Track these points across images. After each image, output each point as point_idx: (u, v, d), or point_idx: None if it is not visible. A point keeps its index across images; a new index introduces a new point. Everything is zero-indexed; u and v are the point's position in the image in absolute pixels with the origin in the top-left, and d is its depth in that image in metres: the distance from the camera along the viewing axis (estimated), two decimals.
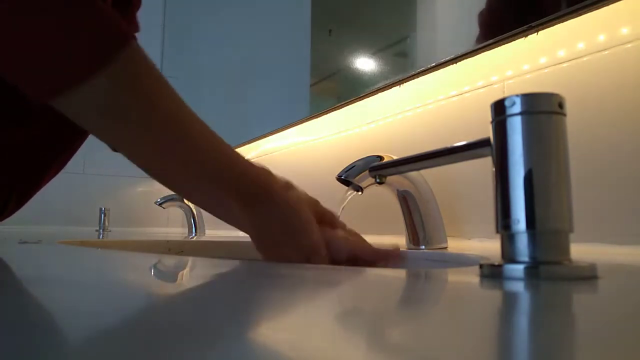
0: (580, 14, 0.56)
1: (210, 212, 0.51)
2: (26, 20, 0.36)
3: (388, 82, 0.85)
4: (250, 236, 0.48)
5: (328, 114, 1.04)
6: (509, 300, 0.24)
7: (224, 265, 0.44)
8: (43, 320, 0.18)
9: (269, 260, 0.47)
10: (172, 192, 1.46)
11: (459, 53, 0.71)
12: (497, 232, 0.29)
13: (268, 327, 0.17)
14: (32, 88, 0.38)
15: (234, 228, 0.50)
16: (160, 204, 1.34)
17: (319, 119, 1.08)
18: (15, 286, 0.27)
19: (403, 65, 0.86)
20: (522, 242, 0.28)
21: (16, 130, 0.51)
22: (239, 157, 0.47)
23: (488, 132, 0.31)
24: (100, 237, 1.11)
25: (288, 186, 0.49)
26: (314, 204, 0.51)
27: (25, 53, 0.37)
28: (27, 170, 0.55)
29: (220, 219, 0.51)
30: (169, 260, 0.50)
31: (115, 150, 0.62)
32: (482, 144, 0.32)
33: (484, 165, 0.32)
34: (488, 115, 0.30)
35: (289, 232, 0.47)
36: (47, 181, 0.59)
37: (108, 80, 0.38)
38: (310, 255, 0.47)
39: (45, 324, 0.17)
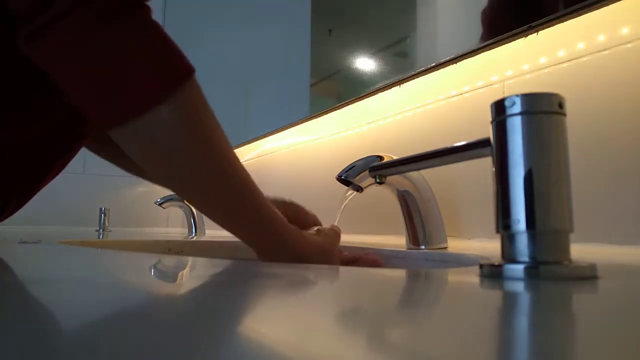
0: (580, 14, 0.56)
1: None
2: (98, 46, 0.37)
3: (388, 82, 0.85)
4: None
5: (328, 114, 1.04)
6: (509, 300, 0.24)
7: (224, 266, 0.44)
8: (43, 320, 0.18)
9: None
10: (172, 192, 1.47)
11: (459, 53, 0.71)
12: (497, 232, 0.29)
13: (268, 327, 0.17)
14: (92, 115, 0.38)
15: None
16: (160, 204, 1.34)
17: (319, 119, 1.08)
18: (15, 286, 0.27)
19: (403, 65, 0.86)
20: (522, 242, 0.28)
21: (19, 130, 0.51)
22: (273, 216, 0.47)
23: (488, 132, 0.31)
24: (100, 237, 1.11)
25: (317, 243, 0.50)
26: (338, 254, 0.52)
27: (98, 81, 0.37)
28: (29, 171, 0.55)
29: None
30: (169, 260, 0.50)
31: (107, 159, 0.63)
32: (482, 144, 0.32)
33: (484, 165, 0.32)
34: (488, 115, 0.30)
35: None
36: (48, 181, 0.59)
37: (168, 113, 0.38)
38: None
39: (45, 324, 0.17)
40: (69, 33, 0.36)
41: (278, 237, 0.46)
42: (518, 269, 0.27)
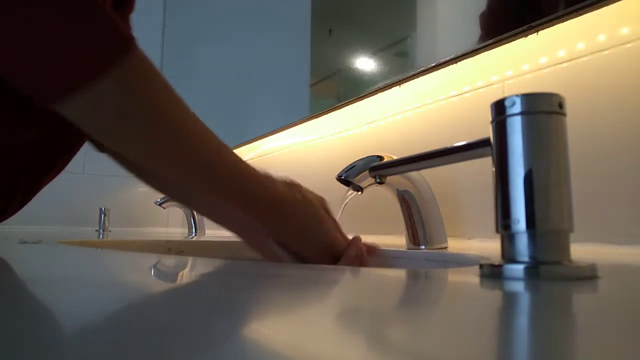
0: (580, 14, 0.56)
1: (218, 223, 0.52)
2: (32, 23, 0.36)
3: (388, 82, 0.85)
4: (270, 250, 0.49)
5: (328, 114, 1.04)
6: (509, 300, 0.24)
7: (224, 266, 0.44)
8: (43, 320, 0.18)
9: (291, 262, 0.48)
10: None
11: (459, 53, 0.71)
12: (497, 232, 0.29)
13: (268, 327, 0.17)
14: (37, 91, 0.38)
15: None
16: (160, 204, 1.34)
17: (319, 119, 1.08)
18: (15, 286, 0.27)
19: (403, 65, 0.86)
20: (522, 242, 0.28)
21: (21, 130, 0.51)
22: (243, 165, 0.47)
23: (488, 132, 0.31)
24: (100, 237, 1.11)
25: (293, 187, 0.50)
26: (321, 201, 0.52)
27: (30, 55, 0.37)
28: (31, 170, 0.56)
29: (229, 229, 0.52)
30: (169, 260, 0.50)
31: (101, 151, 0.63)
32: (482, 144, 0.32)
33: (484, 165, 0.32)
34: (488, 115, 0.30)
35: (309, 235, 0.49)
36: (50, 180, 0.59)
37: (113, 84, 0.38)
38: (335, 252, 0.49)
39: (45, 324, 0.17)
40: None
41: (253, 186, 0.46)
42: (518, 269, 0.27)
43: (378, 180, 0.57)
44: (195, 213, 1.37)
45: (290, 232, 0.48)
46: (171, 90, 0.43)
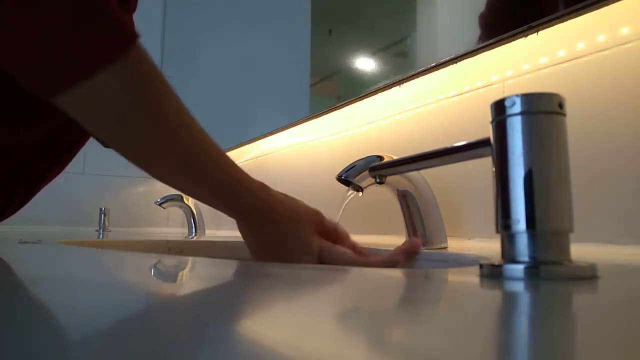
0: (580, 14, 0.56)
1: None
2: (33, 16, 0.36)
3: (388, 82, 0.85)
4: (250, 250, 0.49)
5: (328, 114, 1.04)
6: (509, 300, 0.24)
7: (224, 266, 0.44)
8: (43, 320, 0.18)
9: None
10: (172, 192, 1.47)
11: (459, 53, 0.71)
12: (497, 232, 0.29)
13: (268, 327, 0.17)
14: (36, 84, 0.38)
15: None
16: (160, 204, 1.34)
17: (319, 119, 1.08)
18: (15, 286, 0.27)
19: (403, 65, 0.86)
20: (522, 242, 0.28)
21: (22, 130, 0.51)
22: (238, 172, 0.47)
23: (488, 132, 0.31)
24: (100, 237, 1.11)
25: (286, 201, 0.50)
26: (314, 217, 0.51)
27: (31, 48, 0.36)
28: (31, 170, 0.56)
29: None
30: (169, 260, 0.50)
31: (107, 146, 0.62)
32: (482, 144, 0.32)
33: (484, 165, 0.32)
34: (488, 115, 0.30)
35: (287, 253, 0.49)
36: (50, 180, 0.59)
37: (114, 78, 0.38)
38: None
39: (45, 324, 0.17)
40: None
41: (247, 192, 0.47)
42: (518, 269, 0.27)
43: (378, 180, 0.57)
44: (195, 213, 1.37)
45: (270, 245, 0.49)
46: (170, 88, 0.43)
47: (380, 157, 0.58)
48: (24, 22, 0.36)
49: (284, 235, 0.48)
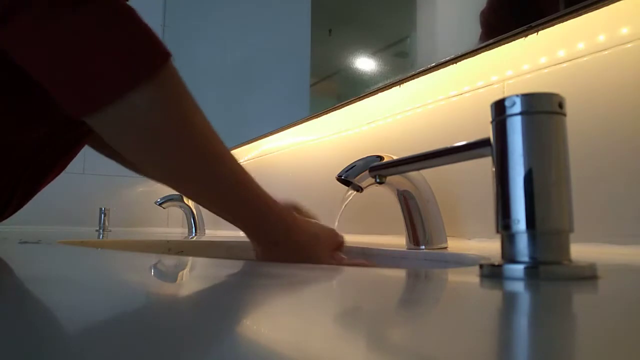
0: (580, 14, 0.56)
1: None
2: (70, 32, 0.36)
3: (388, 82, 0.85)
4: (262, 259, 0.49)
5: (328, 114, 1.04)
6: (509, 300, 0.24)
7: (224, 266, 0.44)
8: (43, 320, 0.18)
9: None
10: (172, 192, 1.47)
11: (459, 53, 0.71)
12: (497, 232, 0.29)
13: (268, 327, 0.17)
14: (72, 102, 0.38)
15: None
16: (160, 204, 1.34)
17: (319, 119, 1.08)
18: (15, 286, 0.27)
19: (403, 65, 0.86)
20: (522, 242, 0.28)
21: (23, 129, 0.51)
22: (267, 198, 0.47)
23: (488, 132, 0.31)
24: (100, 237, 1.11)
25: (308, 225, 0.51)
26: (331, 234, 0.53)
27: (67, 66, 0.36)
28: (32, 170, 0.56)
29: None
30: (169, 260, 0.50)
31: (109, 157, 0.63)
32: (482, 144, 0.32)
33: (484, 165, 0.32)
34: (488, 115, 0.30)
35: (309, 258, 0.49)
36: (50, 181, 0.59)
37: (146, 97, 0.38)
38: None
39: (45, 324, 0.17)
40: (37, 16, 0.35)
41: (271, 216, 0.47)
42: (518, 269, 0.27)
43: (378, 180, 0.57)
44: (195, 213, 1.37)
45: (277, 258, 0.49)
46: (199, 109, 0.43)
47: (380, 157, 0.58)
48: (62, 37, 0.36)
49: (304, 255, 0.49)
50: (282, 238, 0.48)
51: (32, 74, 0.38)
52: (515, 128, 0.28)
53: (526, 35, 0.63)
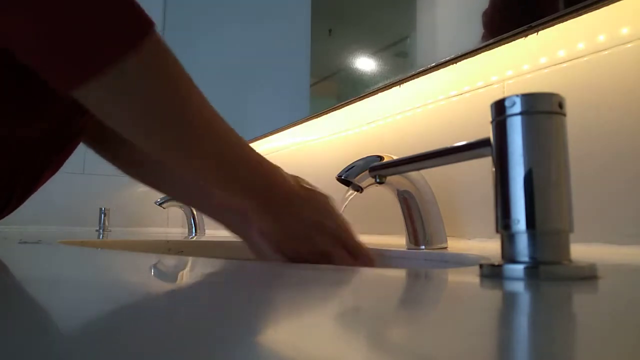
0: (580, 14, 0.56)
1: (214, 217, 0.52)
2: (53, 5, 0.36)
3: (388, 82, 0.85)
4: (266, 237, 0.49)
5: (328, 114, 1.04)
6: (509, 300, 0.24)
7: (224, 266, 0.44)
8: (43, 320, 0.18)
9: (287, 258, 0.48)
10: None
11: (459, 53, 0.71)
12: (497, 232, 0.29)
13: (268, 327, 0.17)
14: (60, 74, 0.37)
15: None
16: (160, 204, 1.34)
17: (319, 119, 1.08)
18: (15, 286, 0.27)
19: (403, 65, 0.86)
20: (522, 242, 0.28)
21: (20, 123, 0.51)
22: (259, 158, 0.48)
23: (488, 132, 0.31)
24: (100, 237, 1.11)
25: (300, 183, 0.51)
26: (326, 199, 0.52)
27: (51, 39, 0.36)
28: (30, 166, 0.55)
29: (221, 222, 0.52)
30: (169, 260, 0.50)
31: (111, 161, 0.62)
32: (482, 144, 0.32)
33: (484, 165, 0.32)
34: (488, 115, 0.30)
35: (315, 222, 0.49)
36: (48, 177, 0.59)
37: (138, 64, 0.38)
38: (340, 238, 0.49)
39: (45, 324, 0.17)
40: None
41: (263, 172, 0.48)
42: (518, 269, 0.27)
43: (378, 180, 0.57)
44: (195, 213, 1.37)
45: (283, 230, 0.48)
46: (186, 73, 0.43)
47: (380, 157, 0.58)
48: (48, 5, 0.36)
49: (307, 211, 0.49)
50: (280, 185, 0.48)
51: (16, 49, 0.37)
52: (515, 128, 0.28)
53: (526, 35, 0.63)
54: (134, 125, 0.42)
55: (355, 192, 0.60)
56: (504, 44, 0.66)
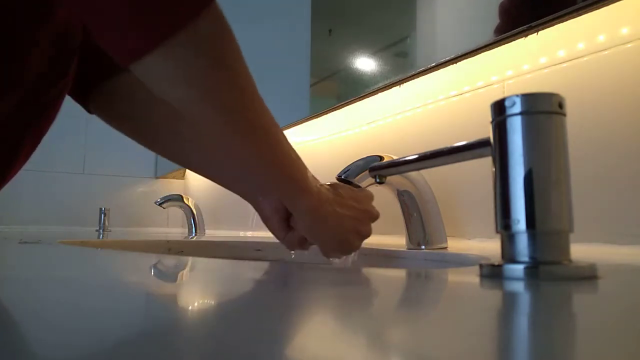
0: (580, 14, 0.56)
1: (229, 182, 0.55)
2: None
3: (388, 82, 0.85)
4: (280, 213, 0.52)
5: (328, 114, 1.04)
6: (509, 300, 0.24)
7: (224, 266, 0.44)
8: (43, 320, 0.18)
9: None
10: (172, 192, 1.47)
11: (459, 53, 0.71)
12: (497, 232, 0.29)
13: (268, 327, 0.17)
14: (118, 48, 0.37)
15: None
16: (160, 204, 1.34)
17: (319, 119, 1.08)
18: (14, 286, 0.27)
19: (403, 65, 0.86)
20: (522, 242, 0.28)
21: None
22: (296, 156, 0.51)
23: (488, 132, 0.31)
24: (101, 237, 1.11)
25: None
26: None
27: (112, 10, 0.36)
28: (6, 143, 0.53)
29: (238, 190, 0.54)
30: (169, 260, 0.50)
31: (91, 112, 0.60)
32: (482, 144, 0.32)
33: (484, 165, 0.32)
34: (488, 115, 0.30)
35: (343, 206, 0.53)
36: (25, 159, 0.57)
37: (209, 25, 0.39)
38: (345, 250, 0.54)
39: (45, 324, 0.17)
40: None
41: (295, 171, 0.51)
42: (518, 269, 0.27)
43: (378, 180, 0.57)
44: (195, 213, 1.37)
45: (328, 208, 0.52)
46: (241, 54, 0.45)
47: (380, 157, 0.58)
48: None
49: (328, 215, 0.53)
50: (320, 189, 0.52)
51: (88, 22, 0.37)
52: (515, 128, 0.28)
53: (526, 35, 0.63)
54: (200, 85, 0.42)
55: None
56: (503, 44, 0.66)
